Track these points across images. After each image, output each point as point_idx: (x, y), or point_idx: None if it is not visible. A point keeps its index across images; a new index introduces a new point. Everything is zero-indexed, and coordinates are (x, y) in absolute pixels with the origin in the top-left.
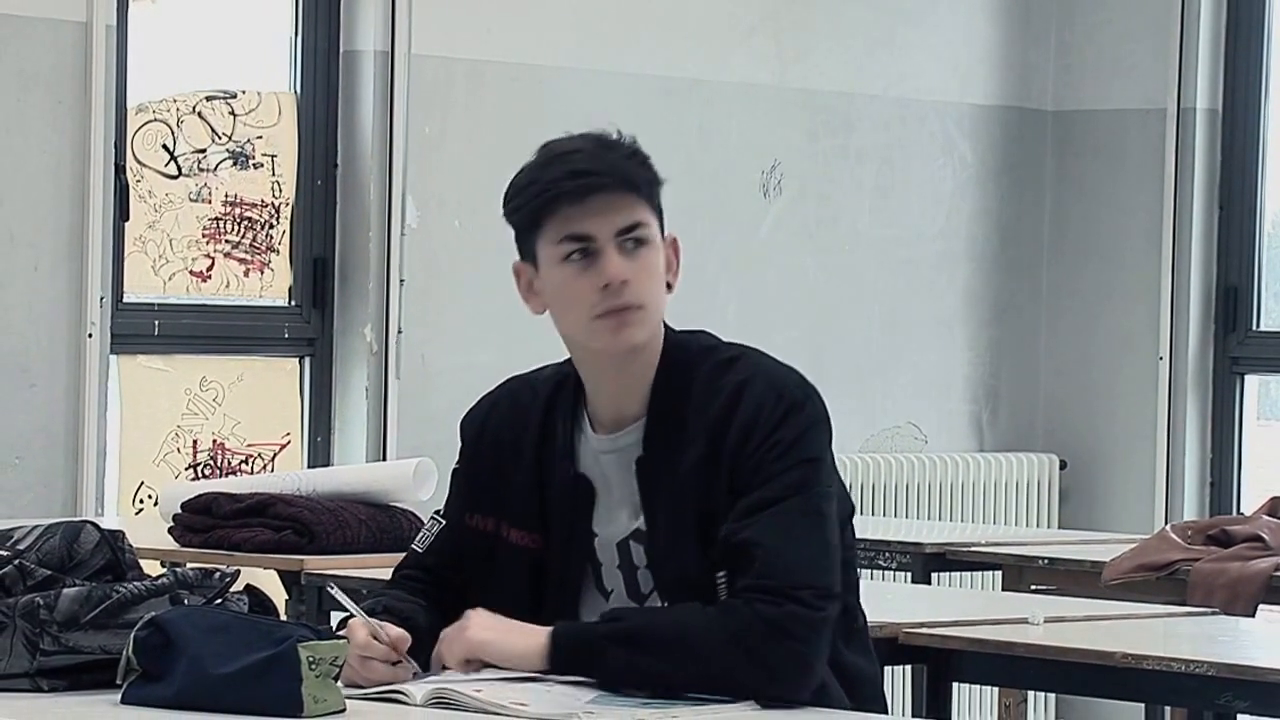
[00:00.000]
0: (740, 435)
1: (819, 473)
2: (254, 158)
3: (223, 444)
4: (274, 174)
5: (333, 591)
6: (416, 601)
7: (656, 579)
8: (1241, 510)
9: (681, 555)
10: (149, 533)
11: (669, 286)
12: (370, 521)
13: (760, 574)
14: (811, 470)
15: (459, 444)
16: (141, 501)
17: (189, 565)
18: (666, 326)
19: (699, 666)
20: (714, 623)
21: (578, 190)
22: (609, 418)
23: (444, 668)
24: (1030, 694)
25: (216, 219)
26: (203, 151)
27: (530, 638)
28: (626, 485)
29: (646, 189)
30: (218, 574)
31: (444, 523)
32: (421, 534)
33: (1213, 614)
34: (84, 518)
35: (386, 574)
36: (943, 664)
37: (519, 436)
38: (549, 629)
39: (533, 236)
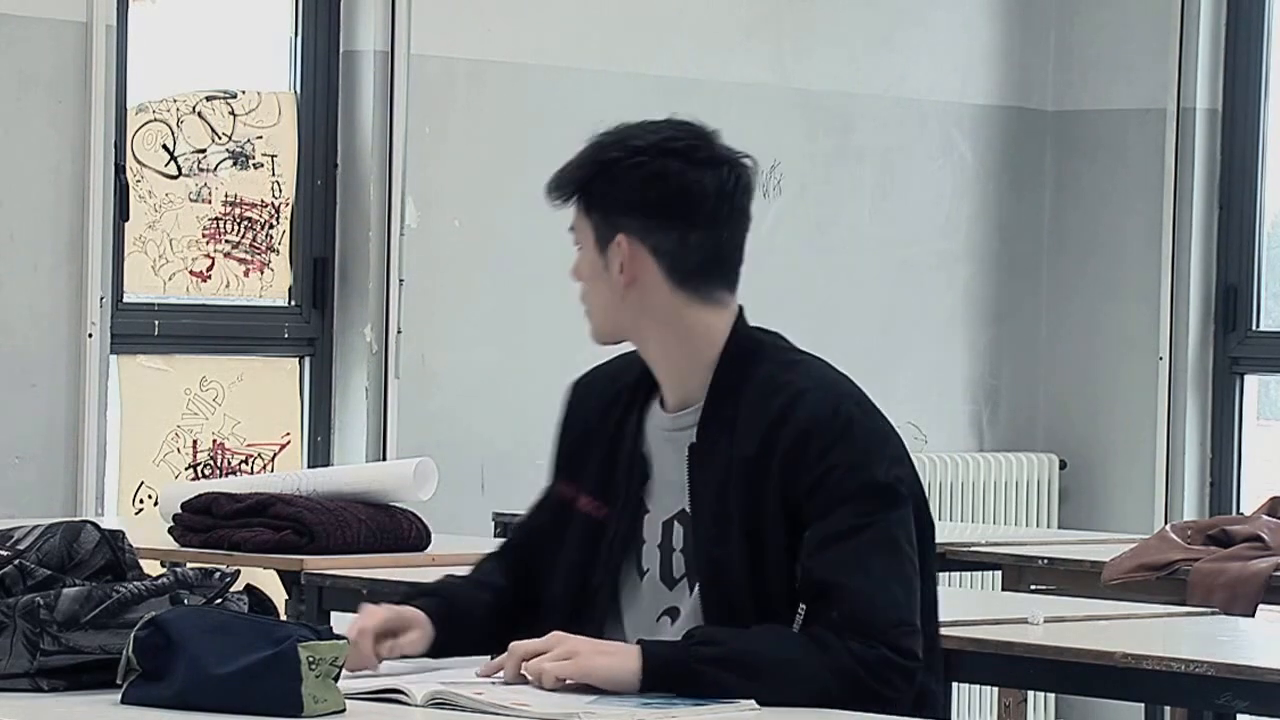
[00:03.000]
0: (794, 447)
1: (883, 495)
2: (254, 158)
3: (223, 444)
4: (274, 174)
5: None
6: (481, 596)
7: (690, 564)
8: (1241, 510)
9: (720, 544)
10: (149, 533)
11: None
12: (370, 521)
13: (847, 614)
14: (876, 494)
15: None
16: (141, 501)
17: (189, 565)
18: (741, 320)
19: (796, 695)
20: (813, 656)
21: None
22: (672, 396)
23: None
24: (1030, 694)
25: (216, 219)
26: (203, 151)
27: (626, 660)
28: (678, 467)
29: (582, 195)
30: (218, 574)
31: (545, 489)
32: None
33: (1213, 614)
34: (84, 518)
35: (387, 574)
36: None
37: (607, 408)
38: (635, 648)
39: None
